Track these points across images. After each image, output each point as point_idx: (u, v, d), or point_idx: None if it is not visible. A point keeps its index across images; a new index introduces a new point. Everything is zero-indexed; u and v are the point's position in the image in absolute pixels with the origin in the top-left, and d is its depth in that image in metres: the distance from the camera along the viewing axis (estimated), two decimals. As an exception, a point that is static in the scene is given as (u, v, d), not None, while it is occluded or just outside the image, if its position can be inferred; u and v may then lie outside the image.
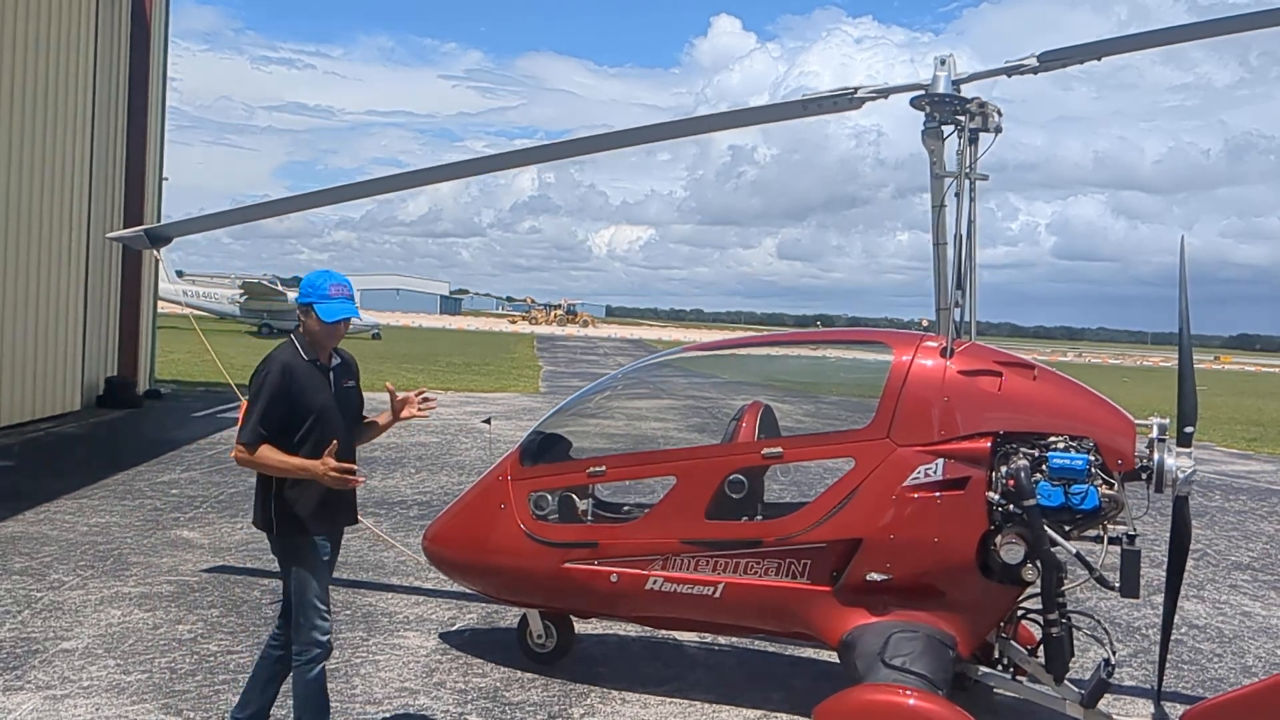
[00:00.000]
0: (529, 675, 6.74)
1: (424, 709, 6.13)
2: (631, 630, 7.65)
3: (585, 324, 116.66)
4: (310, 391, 5.04)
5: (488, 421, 9.02)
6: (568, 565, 6.37)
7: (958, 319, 6.29)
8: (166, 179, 22.61)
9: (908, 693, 5.26)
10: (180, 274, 59.22)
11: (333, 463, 4.87)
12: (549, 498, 6.65)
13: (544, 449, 6.83)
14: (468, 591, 7.95)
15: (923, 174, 6.52)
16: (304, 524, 5.04)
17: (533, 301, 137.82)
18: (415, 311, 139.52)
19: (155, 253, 9.24)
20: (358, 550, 9.84)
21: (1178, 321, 5.94)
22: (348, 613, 7.91)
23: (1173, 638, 7.41)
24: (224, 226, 9.20)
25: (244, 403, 5.09)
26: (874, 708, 5.27)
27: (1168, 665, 6.68)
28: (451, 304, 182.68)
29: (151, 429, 17.54)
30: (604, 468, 6.52)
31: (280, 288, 60.10)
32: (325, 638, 5.06)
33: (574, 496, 6.74)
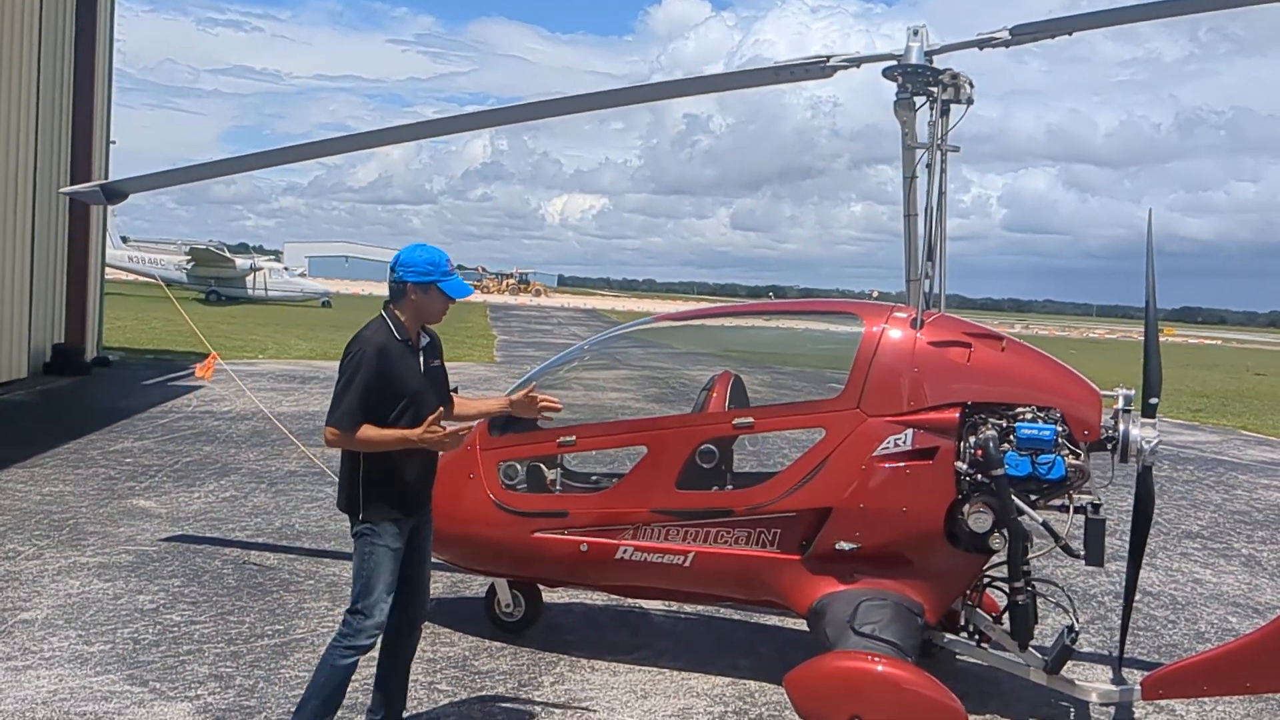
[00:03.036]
0: (497, 644, 6.74)
1: (393, 678, 6.10)
2: (598, 599, 7.67)
3: (538, 293, 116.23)
4: (405, 373, 4.93)
5: (454, 390, 8.93)
6: (537, 535, 6.36)
7: (927, 290, 6.33)
8: (114, 142, 22.14)
9: (877, 659, 5.32)
10: (124, 240, 58.12)
11: (426, 424, 4.75)
12: (518, 467, 6.62)
13: (512, 419, 6.80)
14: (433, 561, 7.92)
15: (877, 145, 6.60)
16: (390, 509, 4.91)
17: (484, 270, 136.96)
18: (365, 279, 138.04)
19: (110, 210, 9.04)
20: (318, 520, 9.77)
21: (1145, 295, 6.02)
22: (311, 583, 7.85)
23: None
24: (182, 183, 9.02)
25: (209, 360, 5.00)
26: (844, 674, 5.33)
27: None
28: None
29: (101, 397, 17.24)
30: (574, 437, 6.50)
31: (228, 254, 59.26)
32: (378, 633, 4.91)
33: (543, 466, 6.72)
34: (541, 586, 7.02)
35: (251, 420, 15.37)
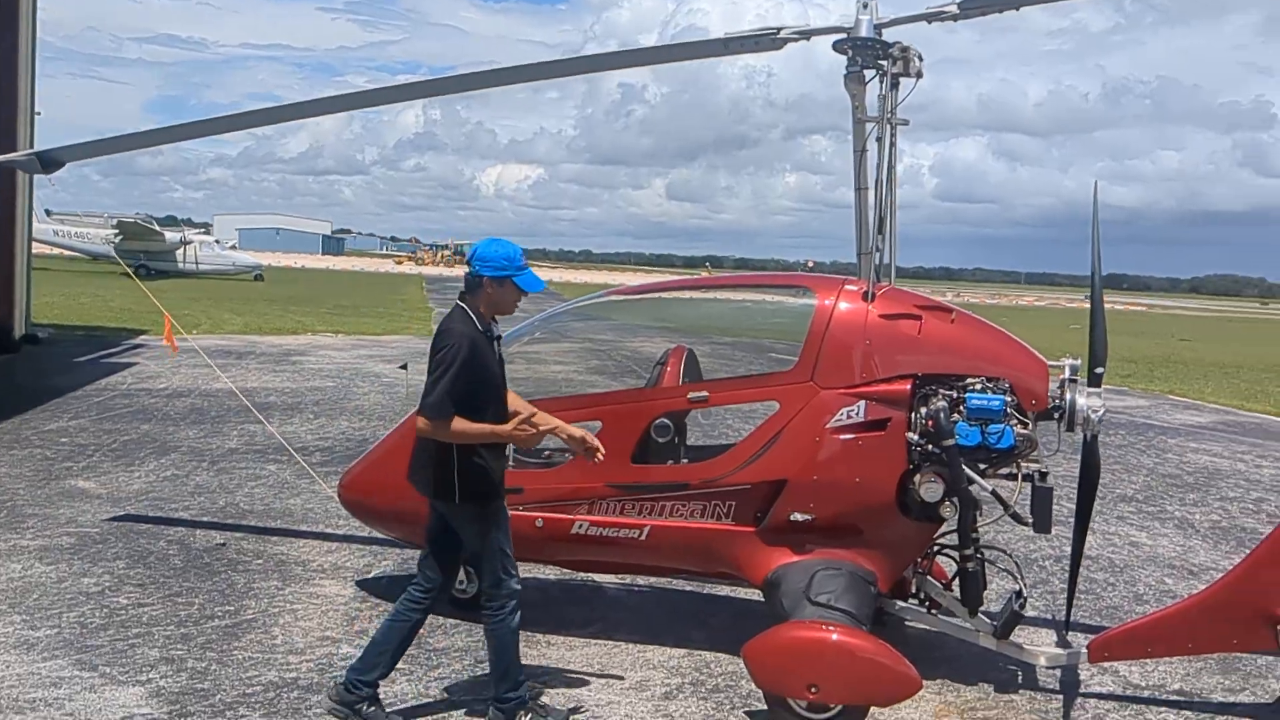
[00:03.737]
0: (451, 622, 6.72)
1: (348, 657, 6.03)
2: (551, 573, 7.67)
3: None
4: (490, 363, 5.17)
5: (404, 367, 8.87)
6: (492, 511, 6.33)
7: (878, 263, 6.38)
8: (39, 113, 21.50)
9: (832, 628, 5.40)
10: (48, 213, 56.60)
11: (516, 422, 5.11)
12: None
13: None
14: (380, 537, 7.89)
15: (812, 115, 6.76)
16: (493, 488, 5.20)
17: (418, 242, 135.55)
18: (297, 252, 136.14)
19: (49, 179, 8.80)
20: (263, 498, 9.65)
21: (1090, 264, 6.13)
22: (259, 562, 7.77)
23: (1065, 569, 7.73)
24: (118, 152, 8.80)
25: (168, 330, 4.95)
26: (801, 643, 5.40)
27: (1063, 593, 6.98)
28: (334, 244, 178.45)
29: (33, 375, 16.85)
30: (526, 413, 6.46)
31: (157, 228, 58.00)
32: (519, 587, 5.23)
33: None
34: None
35: (189, 397, 15.12)
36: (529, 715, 5.24)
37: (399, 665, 5.94)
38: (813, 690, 5.27)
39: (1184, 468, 14.21)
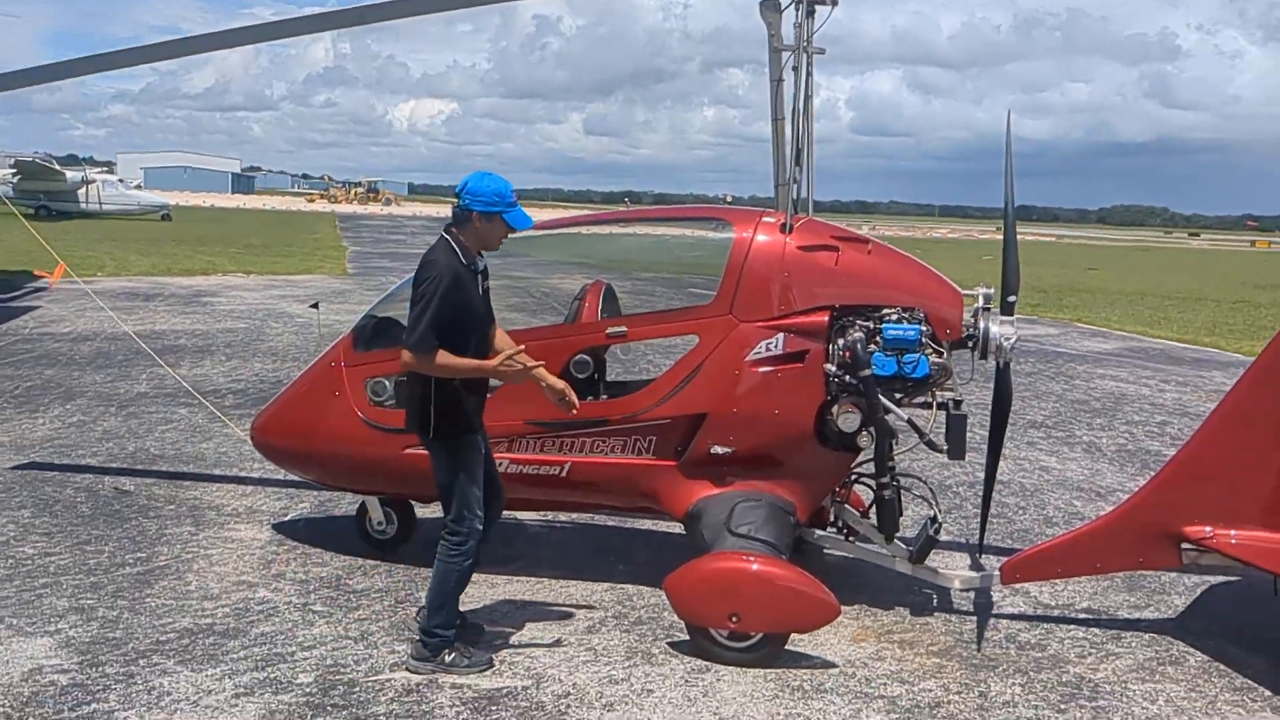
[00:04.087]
0: (370, 563, 6.65)
1: (265, 601, 5.98)
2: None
3: (388, 202, 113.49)
4: (472, 296, 5.12)
5: (315, 306, 8.68)
6: (409, 450, 6.24)
7: (795, 195, 6.36)
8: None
9: (752, 559, 5.45)
10: (-62, 152, 54.24)
11: (501, 358, 5.08)
12: (386, 383, 6.48)
13: (378, 333, 6.64)
14: (295, 480, 7.75)
15: (728, 48, 6.67)
16: (468, 424, 5.15)
17: (331, 179, 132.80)
18: (205, 191, 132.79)
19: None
20: (174, 443, 9.44)
21: (1004, 194, 6.18)
22: (171, 507, 7.60)
23: (977, 494, 7.90)
24: (15, 87, 8.41)
25: (59, 270, 4.76)
26: (722, 574, 5.45)
27: (976, 518, 7.14)
28: (244, 182, 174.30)
29: (-75, 321, 16.22)
30: (443, 351, 6.36)
31: (58, 166, 55.94)
32: (480, 527, 5.21)
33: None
34: (415, 503, 6.93)
35: (95, 341, 14.68)
36: (452, 655, 5.21)
37: (315, 608, 5.89)
38: (734, 619, 5.32)
39: (1091, 393, 14.58)
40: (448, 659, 5.20)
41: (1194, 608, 6.62)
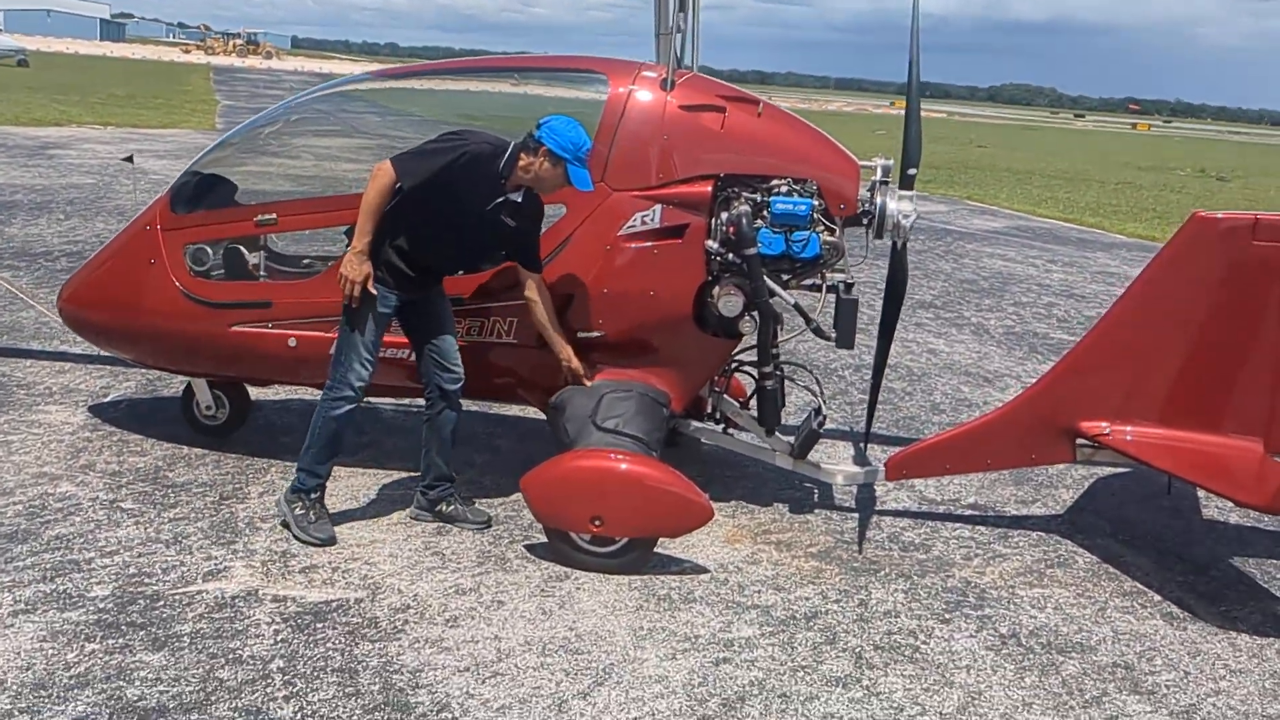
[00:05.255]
0: (198, 451, 5.95)
1: (67, 497, 5.25)
2: (319, 395, 6.92)
3: (269, 55, 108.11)
4: (468, 201, 4.84)
5: (129, 159, 7.69)
6: (236, 329, 5.53)
7: (679, 48, 5.65)
8: None
9: (618, 456, 4.91)
10: None
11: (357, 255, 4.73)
12: (209, 251, 5.70)
13: (201, 193, 5.83)
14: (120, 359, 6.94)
15: None
16: (383, 282, 4.87)
17: (208, 29, 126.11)
18: (70, 37, 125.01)
19: None
20: (-11, 311, 8.47)
21: (908, 59, 5.59)
22: (-26, 386, 6.74)
23: (864, 379, 7.48)
24: None
25: None
26: (584, 474, 4.91)
27: (862, 404, 6.73)
28: (114, 29, 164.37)
29: None
30: (274, 216, 5.58)
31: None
32: (361, 384, 4.96)
33: (241, 249, 5.81)
34: (248, 385, 6.22)
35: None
36: (302, 509, 4.99)
37: (125, 505, 5.20)
38: (596, 523, 4.80)
39: (980, 273, 14.35)
40: (297, 511, 4.99)
41: (1082, 503, 6.35)
